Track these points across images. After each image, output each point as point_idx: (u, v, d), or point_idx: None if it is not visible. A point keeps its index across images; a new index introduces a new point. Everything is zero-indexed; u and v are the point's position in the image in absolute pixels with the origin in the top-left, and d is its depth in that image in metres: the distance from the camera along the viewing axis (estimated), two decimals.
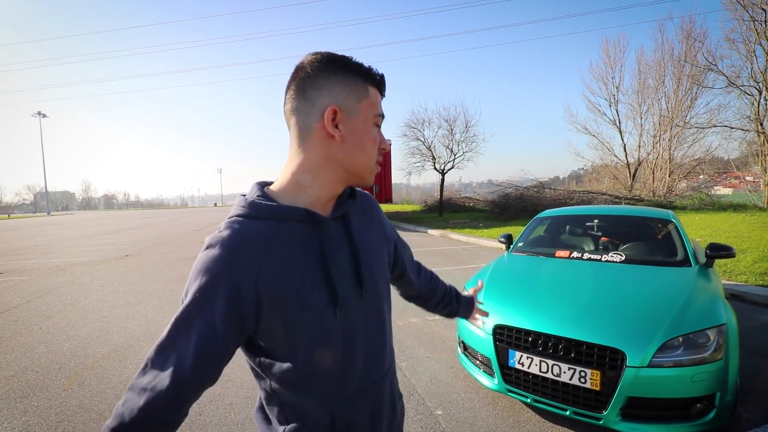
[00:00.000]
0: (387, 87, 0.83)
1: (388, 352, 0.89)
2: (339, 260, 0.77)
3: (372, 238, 0.88)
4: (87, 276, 7.32)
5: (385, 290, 0.88)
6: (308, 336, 0.73)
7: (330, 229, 0.78)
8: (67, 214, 58.67)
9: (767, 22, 16.35)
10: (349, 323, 0.77)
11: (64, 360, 3.53)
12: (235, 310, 0.67)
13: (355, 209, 0.87)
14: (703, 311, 2.27)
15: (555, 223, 4.25)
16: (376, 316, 0.84)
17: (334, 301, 0.74)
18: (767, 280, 5.32)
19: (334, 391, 0.77)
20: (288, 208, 0.74)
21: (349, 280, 0.78)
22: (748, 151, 19.14)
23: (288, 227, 0.73)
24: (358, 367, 0.80)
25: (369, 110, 0.78)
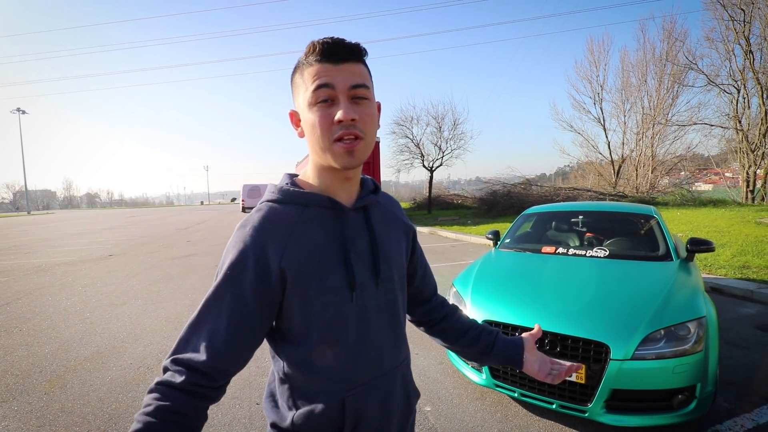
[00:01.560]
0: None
1: (403, 344, 0.89)
2: (358, 247, 0.80)
3: (391, 233, 0.89)
4: (69, 276, 7.16)
5: (400, 283, 0.89)
6: (324, 317, 0.75)
7: (351, 218, 0.81)
8: (48, 213, 57.23)
9: (746, 21, 16.77)
10: (365, 309, 0.79)
11: (45, 362, 3.45)
12: (263, 282, 0.71)
13: (377, 204, 0.90)
14: (683, 304, 2.32)
15: (541, 219, 4.30)
16: (391, 306, 0.85)
17: (351, 285, 0.76)
18: (746, 273, 5.47)
19: (345, 377, 0.77)
20: (313, 194, 0.79)
21: (366, 267, 0.80)
22: (727, 148, 19.65)
23: (312, 212, 0.78)
24: (371, 354, 0.80)
25: (306, 93, 0.74)
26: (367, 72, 0.78)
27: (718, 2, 17.40)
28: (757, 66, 16.81)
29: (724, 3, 17.22)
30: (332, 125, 0.72)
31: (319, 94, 0.72)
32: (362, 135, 0.74)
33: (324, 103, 0.72)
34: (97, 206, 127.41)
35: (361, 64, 0.76)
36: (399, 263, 0.89)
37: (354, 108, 0.73)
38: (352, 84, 0.73)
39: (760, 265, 5.75)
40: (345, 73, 0.73)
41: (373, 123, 0.77)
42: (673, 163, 21.56)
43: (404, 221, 0.97)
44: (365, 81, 0.75)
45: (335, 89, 0.72)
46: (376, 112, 0.79)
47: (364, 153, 0.76)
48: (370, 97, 0.77)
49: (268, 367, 3.21)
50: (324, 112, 0.73)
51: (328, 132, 0.73)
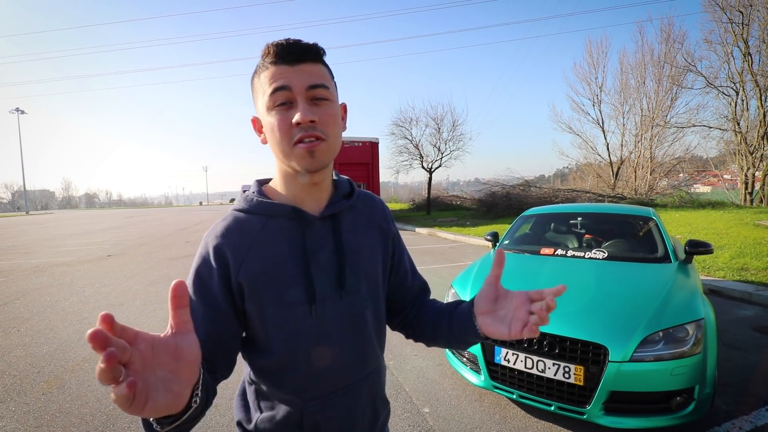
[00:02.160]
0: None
1: (370, 356, 0.85)
2: (321, 259, 0.77)
3: (365, 240, 0.85)
4: (67, 277, 7.14)
5: (370, 295, 0.84)
6: (282, 331, 0.75)
7: (315, 228, 0.78)
8: (47, 213, 57.09)
9: (744, 24, 16.83)
10: (325, 323, 0.77)
11: (43, 363, 3.44)
12: (228, 289, 0.73)
13: (351, 210, 0.85)
14: (682, 306, 2.32)
15: (540, 220, 4.30)
16: (356, 319, 0.81)
17: (310, 298, 0.75)
18: (744, 275, 5.48)
19: (305, 388, 0.77)
20: (276, 205, 0.77)
21: (329, 279, 0.77)
22: (726, 150, 19.70)
23: (276, 223, 0.77)
24: (333, 367, 0.78)
25: (264, 97, 0.72)
26: (326, 72, 0.75)
27: (717, 4, 17.47)
28: (755, 68, 16.87)
29: (723, 5, 17.29)
30: (291, 128, 0.70)
31: (276, 97, 0.70)
32: (324, 136, 0.71)
33: (282, 106, 0.70)
34: (96, 206, 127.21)
35: (319, 64, 0.74)
36: (370, 274, 0.84)
37: (313, 109, 0.71)
38: (310, 84, 0.70)
39: (758, 267, 5.76)
40: (302, 73, 0.70)
41: (336, 124, 0.74)
42: (671, 164, 21.60)
43: (383, 226, 0.91)
44: (324, 81, 0.73)
45: (292, 91, 0.70)
46: (338, 112, 0.76)
47: (327, 155, 0.73)
48: (331, 97, 0.74)
49: None
50: (282, 115, 0.70)
51: (287, 135, 0.70)
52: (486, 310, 0.75)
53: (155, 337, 0.47)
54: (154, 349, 0.46)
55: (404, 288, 0.96)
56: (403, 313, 0.97)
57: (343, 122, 0.80)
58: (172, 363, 0.48)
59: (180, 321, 0.49)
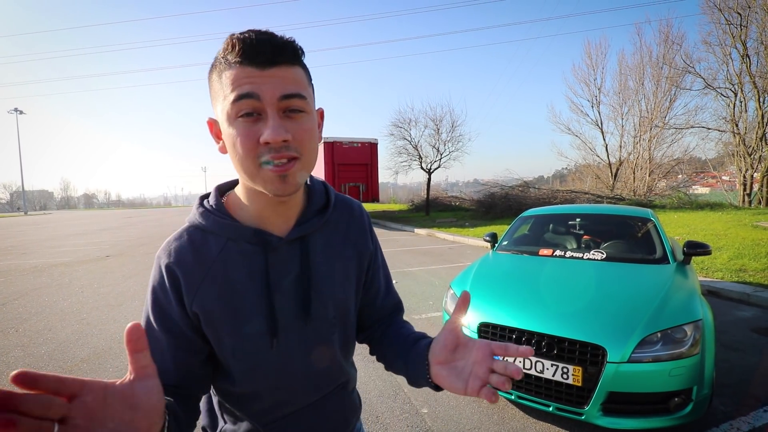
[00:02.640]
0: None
1: (336, 374, 0.81)
2: (285, 286, 0.70)
3: (336, 263, 0.77)
4: (66, 277, 7.12)
5: (338, 320, 0.77)
6: (241, 363, 0.70)
7: (281, 253, 0.70)
8: (46, 213, 56.98)
9: (742, 26, 16.89)
10: (287, 353, 0.72)
11: (41, 364, 3.43)
12: (186, 314, 0.67)
13: (325, 226, 0.77)
14: (680, 307, 2.33)
15: (539, 221, 4.31)
16: (322, 345, 0.76)
17: (272, 330, 0.69)
18: (742, 276, 5.49)
19: (268, 412, 0.74)
20: (236, 227, 0.68)
21: (293, 307, 0.71)
22: (724, 152, 19.77)
23: (235, 246, 0.68)
24: (293, 391, 0.75)
25: (225, 102, 0.59)
26: (303, 76, 0.63)
27: (715, 6, 17.53)
28: (753, 70, 16.93)
29: (721, 7, 17.35)
30: (258, 146, 0.58)
31: (241, 106, 0.58)
32: (298, 155, 0.61)
33: (248, 117, 0.58)
34: (95, 207, 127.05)
35: (295, 67, 0.61)
36: (339, 300, 0.77)
37: (286, 124, 0.59)
38: (283, 94, 0.59)
39: (756, 269, 5.77)
40: (274, 80, 0.58)
41: (312, 139, 0.64)
42: (670, 166, 21.64)
43: (359, 242, 0.82)
44: (300, 89, 0.61)
45: (261, 101, 0.58)
46: (315, 125, 0.65)
47: (302, 176, 0.63)
48: (307, 108, 0.62)
49: None
50: (247, 128, 0.58)
51: (252, 154, 0.59)
52: (443, 359, 0.65)
53: (108, 385, 0.42)
54: (105, 399, 0.41)
55: (374, 307, 0.89)
56: (370, 330, 0.90)
57: (319, 131, 0.69)
58: (127, 412, 0.42)
59: (138, 366, 0.44)
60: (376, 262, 0.87)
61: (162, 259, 0.68)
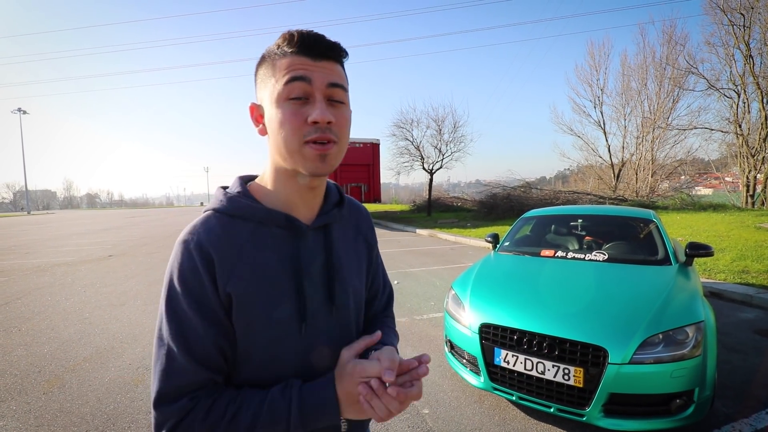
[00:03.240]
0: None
1: None
2: (313, 272, 0.73)
3: (353, 253, 0.82)
4: (69, 277, 7.15)
5: (356, 310, 0.81)
6: (266, 349, 0.69)
7: (308, 239, 0.73)
8: (49, 213, 57.18)
9: (745, 26, 16.82)
10: (313, 340, 0.72)
11: (44, 362, 3.45)
12: (219, 298, 0.66)
13: (341, 219, 0.82)
14: (682, 309, 2.32)
15: (540, 222, 4.30)
16: (344, 332, 0.78)
17: (301, 316, 0.70)
18: (745, 278, 5.47)
19: None
20: (267, 211, 0.70)
21: (319, 294, 0.73)
22: (727, 153, 19.67)
23: (265, 231, 0.70)
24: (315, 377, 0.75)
25: (276, 86, 0.65)
26: (345, 75, 0.71)
27: (718, 7, 17.47)
28: (757, 71, 16.86)
29: (724, 8, 17.29)
30: (304, 125, 0.64)
31: (293, 88, 0.64)
32: (337, 140, 0.66)
33: (297, 100, 0.64)
34: (97, 206, 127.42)
35: (339, 65, 0.69)
36: (357, 289, 0.81)
37: (330, 110, 0.66)
38: (331, 82, 0.66)
39: (759, 270, 5.75)
40: (323, 70, 0.65)
41: (347, 129, 0.70)
42: (673, 167, 21.58)
43: (368, 237, 0.89)
44: (343, 82, 0.68)
45: (311, 85, 0.64)
46: (351, 116, 0.72)
47: (337, 160, 0.68)
48: (346, 101, 0.70)
49: None
50: (296, 109, 0.64)
51: (299, 132, 0.64)
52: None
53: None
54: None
55: (373, 303, 0.93)
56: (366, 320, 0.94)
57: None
58: None
59: None
60: (378, 257, 0.95)
61: (190, 243, 0.66)
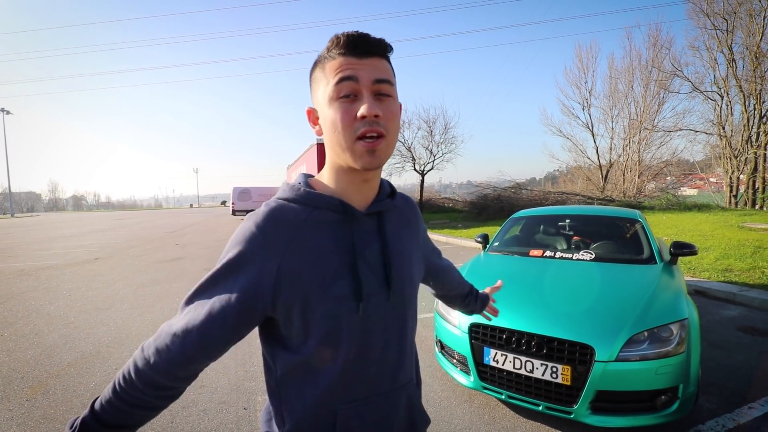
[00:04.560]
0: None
1: (408, 364, 0.83)
2: (368, 256, 0.75)
3: (405, 242, 0.84)
4: (53, 280, 7.02)
5: (412, 297, 0.83)
6: (325, 325, 0.71)
7: (362, 223, 0.77)
8: (33, 215, 56.00)
9: (728, 31, 17.22)
10: (370, 322, 0.74)
11: (27, 368, 3.37)
12: (255, 286, 0.68)
13: (393, 209, 0.85)
14: (666, 307, 2.36)
15: (529, 222, 4.34)
16: (399, 322, 0.80)
17: (357, 295, 0.72)
18: (728, 276, 5.58)
19: (340, 389, 0.73)
20: (323, 196, 0.75)
21: (376, 278, 0.75)
22: (711, 154, 20.09)
23: (321, 215, 0.74)
24: (370, 370, 0.76)
25: (327, 87, 0.70)
26: (391, 69, 0.74)
27: (702, 12, 17.86)
28: (739, 74, 17.27)
29: (708, 12, 17.68)
30: (354, 121, 0.68)
31: (342, 87, 0.68)
32: (385, 132, 0.70)
33: (346, 98, 0.69)
34: (84, 209, 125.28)
35: (385, 60, 0.73)
36: (411, 277, 0.83)
37: (377, 104, 0.69)
38: (377, 78, 0.69)
39: (742, 268, 5.87)
40: (369, 67, 0.69)
41: (396, 121, 0.73)
42: (659, 168, 21.95)
43: (420, 229, 0.94)
44: (389, 77, 0.72)
45: (359, 83, 0.68)
46: (399, 110, 0.75)
47: (386, 153, 0.72)
48: (394, 94, 0.73)
49: (256, 371, 3.19)
50: (346, 107, 0.68)
51: (350, 129, 0.68)
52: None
53: None
54: None
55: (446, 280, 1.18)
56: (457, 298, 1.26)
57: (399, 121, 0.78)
58: None
59: None
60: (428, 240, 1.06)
61: (250, 223, 0.71)
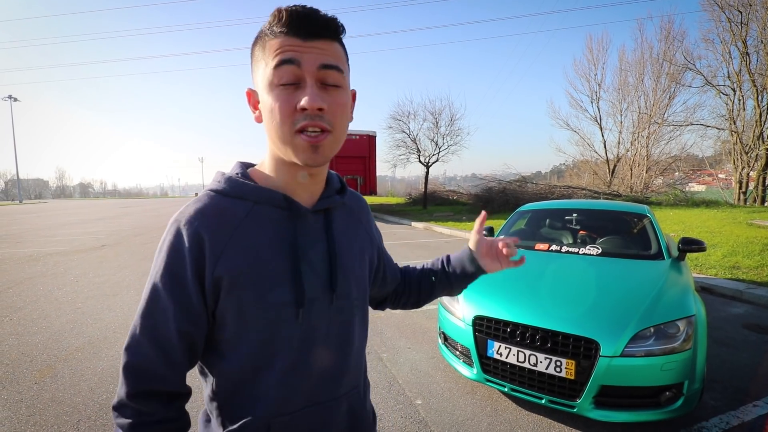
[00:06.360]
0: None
1: (352, 372, 0.77)
2: (312, 257, 0.70)
3: (354, 242, 0.79)
4: (61, 266, 7.10)
5: (360, 301, 0.78)
6: (259, 335, 0.66)
7: (307, 221, 0.71)
8: (41, 202, 56.58)
9: (743, 24, 16.85)
10: (311, 330, 0.69)
11: (36, 352, 3.43)
12: (201, 284, 0.64)
13: (342, 207, 0.79)
14: (673, 303, 2.34)
15: (535, 216, 4.31)
16: (343, 328, 0.74)
17: (298, 301, 0.67)
18: (735, 273, 5.54)
19: (276, 400, 0.68)
20: (265, 190, 0.68)
21: (319, 281, 0.70)
22: (721, 150, 19.84)
23: (262, 210, 0.68)
24: (307, 381, 0.70)
25: (266, 70, 0.63)
26: (342, 53, 0.66)
27: (716, 3, 17.48)
28: (753, 68, 16.95)
29: (722, 4, 17.30)
30: (295, 113, 0.61)
31: (281, 72, 0.61)
32: (330, 128, 0.63)
33: (287, 86, 0.61)
34: (90, 196, 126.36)
35: (336, 43, 0.64)
36: (360, 278, 0.78)
37: (322, 95, 0.62)
38: (323, 63, 0.62)
39: (749, 266, 5.82)
40: (315, 50, 0.61)
41: (345, 115, 0.66)
42: (667, 163, 21.73)
43: (369, 230, 0.87)
44: (339, 63, 0.64)
45: (301, 68, 0.61)
46: (349, 101, 0.68)
47: (332, 149, 0.65)
48: (343, 83, 0.66)
49: None
50: (285, 96, 0.61)
51: (289, 120, 0.61)
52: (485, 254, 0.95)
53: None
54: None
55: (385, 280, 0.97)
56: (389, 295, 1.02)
57: (350, 112, 0.71)
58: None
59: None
60: (382, 246, 0.95)
61: (181, 222, 0.65)
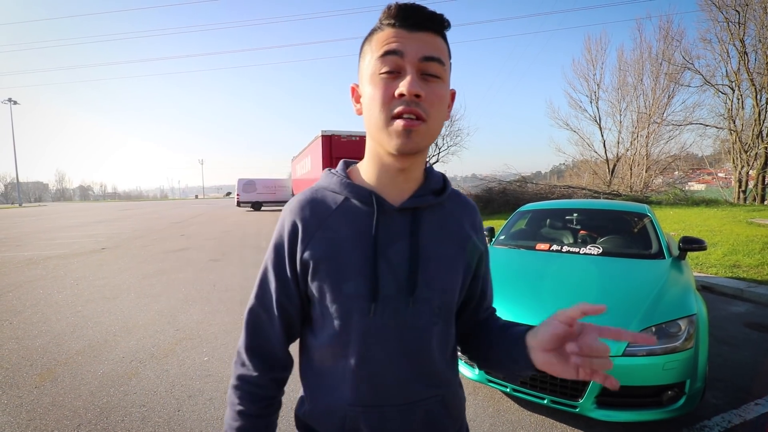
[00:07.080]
0: None
1: (433, 379, 0.73)
2: (390, 255, 0.68)
3: (446, 248, 0.73)
4: (61, 269, 7.09)
5: (443, 311, 0.72)
6: (336, 322, 0.69)
7: (392, 219, 0.70)
8: (41, 205, 56.53)
9: (740, 23, 16.86)
10: (382, 328, 0.68)
11: (36, 356, 3.42)
12: (294, 267, 0.72)
13: (439, 208, 0.75)
14: (675, 302, 2.34)
15: (536, 216, 4.31)
16: (419, 334, 0.70)
17: (372, 296, 0.67)
18: (736, 272, 5.53)
19: (351, 389, 0.69)
20: (355, 186, 0.72)
21: (396, 280, 0.68)
22: (721, 149, 19.82)
23: (351, 205, 0.72)
24: (384, 379, 0.69)
25: (371, 61, 0.64)
26: (445, 48, 0.66)
27: (714, 3, 17.48)
28: (751, 67, 16.94)
29: (719, 4, 17.30)
30: (393, 99, 0.61)
31: (385, 61, 0.62)
32: (425, 116, 0.62)
33: (389, 74, 0.62)
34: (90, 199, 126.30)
35: (439, 37, 0.65)
36: (447, 288, 0.72)
37: (421, 84, 0.61)
38: (425, 55, 0.62)
39: (750, 265, 5.82)
40: (419, 42, 0.62)
41: (442, 106, 0.65)
42: (667, 162, 21.70)
43: (472, 238, 0.77)
44: (441, 55, 0.64)
45: (404, 58, 0.61)
46: (447, 95, 0.67)
47: (425, 139, 0.64)
48: (444, 76, 0.65)
49: None
50: (387, 83, 0.62)
51: (387, 106, 0.61)
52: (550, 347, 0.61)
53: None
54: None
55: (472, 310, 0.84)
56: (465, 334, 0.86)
57: (448, 110, 0.69)
58: None
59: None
60: (486, 264, 0.83)
61: (286, 211, 0.75)
